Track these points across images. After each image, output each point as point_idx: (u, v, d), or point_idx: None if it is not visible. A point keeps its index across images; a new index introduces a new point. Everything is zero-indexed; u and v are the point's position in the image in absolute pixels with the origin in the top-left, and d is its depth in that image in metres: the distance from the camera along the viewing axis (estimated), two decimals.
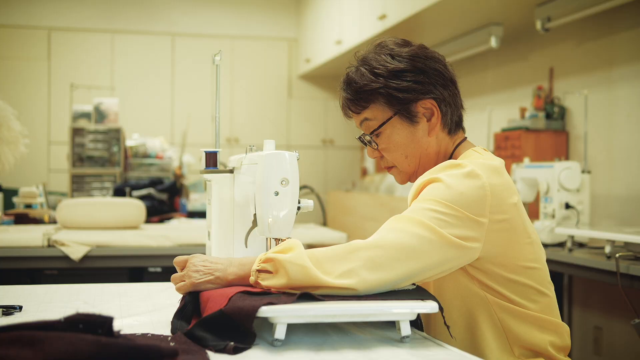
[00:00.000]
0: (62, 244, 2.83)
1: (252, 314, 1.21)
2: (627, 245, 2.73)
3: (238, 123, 7.41)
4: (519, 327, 1.48)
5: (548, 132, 4.17)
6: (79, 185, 4.97)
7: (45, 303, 1.65)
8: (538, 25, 3.93)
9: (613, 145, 3.78)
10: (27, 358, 0.89)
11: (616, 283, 2.59)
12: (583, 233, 2.92)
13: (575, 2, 3.70)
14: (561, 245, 3.20)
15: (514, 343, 1.48)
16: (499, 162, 1.54)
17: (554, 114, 4.22)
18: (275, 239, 1.54)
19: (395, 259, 1.34)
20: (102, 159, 4.96)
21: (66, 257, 2.85)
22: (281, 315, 1.22)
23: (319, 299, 1.26)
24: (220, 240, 1.77)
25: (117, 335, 1.00)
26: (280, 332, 1.23)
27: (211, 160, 1.79)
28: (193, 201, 5.04)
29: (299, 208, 1.57)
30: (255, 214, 1.56)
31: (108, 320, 0.99)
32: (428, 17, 4.49)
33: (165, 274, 3.30)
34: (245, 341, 1.22)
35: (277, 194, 1.51)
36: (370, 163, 7.07)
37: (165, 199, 4.48)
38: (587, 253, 2.98)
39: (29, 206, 4.02)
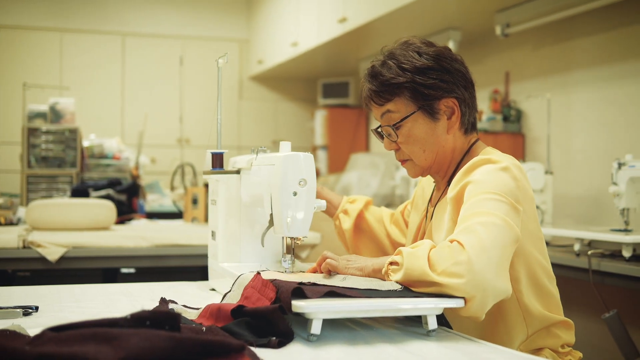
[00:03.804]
0: (39, 245, 2.78)
1: (285, 309, 1.26)
2: (592, 243, 2.86)
3: (188, 124, 7.36)
4: (520, 315, 1.56)
5: (505, 135, 4.30)
6: (32, 187, 4.87)
7: (57, 303, 1.65)
8: (498, 30, 4.05)
9: (570, 147, 3.93)
10: (107, 354, 0.90)
11: (586, 279, 2.71)
12: (555, 232, 3.03)
13: (534, 10, 3.83)
14: None
15: (516, 329, 1.56)
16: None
17: (510, 116, 4.35)
18: (291, 238, 1.58)
19: (493, 256, 1.36)
20: (57, 159, 4.87)
21: (41, 259, 2.80)
22: (317, 310, 1.26)
23: (344, 294, 1.31)
24: (228, 240, 1.80)
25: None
26: (316, 328, 1.27)
27: (217, 161, 1.83)
28: (150, 202, 5.01)
29: (314, 208, 1.61)
30: (271, 214, 1.60)
31: (176, 317, 1.02)
32: (388, 21, 4.57)
33: (139, 275, 3.29)
34: (284, 336, 1.26)
35: (295, 194, 1.54)
36: (322, 164, 7.11)
37: (125, 199, 4.44)
38: (553, 251, 3.09)
39: None
